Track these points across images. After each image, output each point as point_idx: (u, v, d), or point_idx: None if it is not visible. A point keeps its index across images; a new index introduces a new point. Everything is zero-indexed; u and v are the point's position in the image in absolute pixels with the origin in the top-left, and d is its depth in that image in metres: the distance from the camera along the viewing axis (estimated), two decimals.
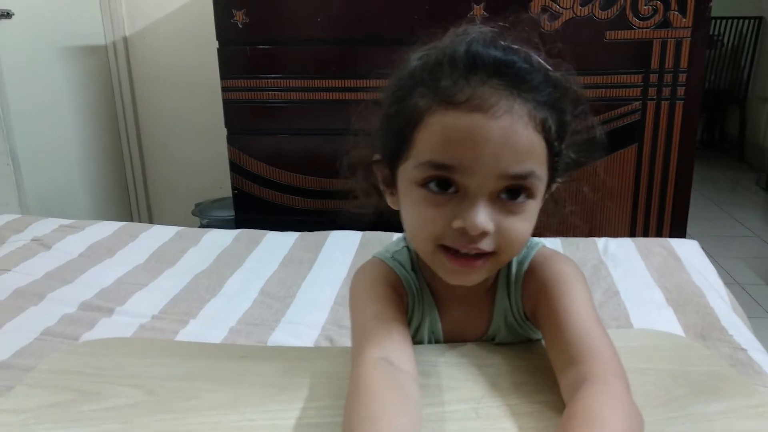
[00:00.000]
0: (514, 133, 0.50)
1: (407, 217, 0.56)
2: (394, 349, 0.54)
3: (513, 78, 0.51)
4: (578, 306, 0.56)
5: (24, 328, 1.14)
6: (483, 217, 0.50)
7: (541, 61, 0.54)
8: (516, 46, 0.54)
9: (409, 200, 0.55)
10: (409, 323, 0.61)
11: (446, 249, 0.53)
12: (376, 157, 0.61)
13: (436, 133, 0.51)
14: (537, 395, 0.54)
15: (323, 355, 0.62)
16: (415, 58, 0.57)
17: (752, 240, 2.78)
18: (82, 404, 0.53)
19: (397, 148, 0.56)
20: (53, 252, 1.48)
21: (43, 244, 1.51)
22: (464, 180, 0.51)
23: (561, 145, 0.55)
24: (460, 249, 0.52)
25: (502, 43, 0.53)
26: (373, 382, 0.50)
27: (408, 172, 0.54)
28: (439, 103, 0.51)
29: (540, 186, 0.54)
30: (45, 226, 1.62)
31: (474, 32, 0.54)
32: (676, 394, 0.55)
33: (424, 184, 0.52)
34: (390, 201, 0.61)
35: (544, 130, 0.52)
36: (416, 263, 0.63)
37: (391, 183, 0.59)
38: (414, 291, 0.62)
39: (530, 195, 0.53)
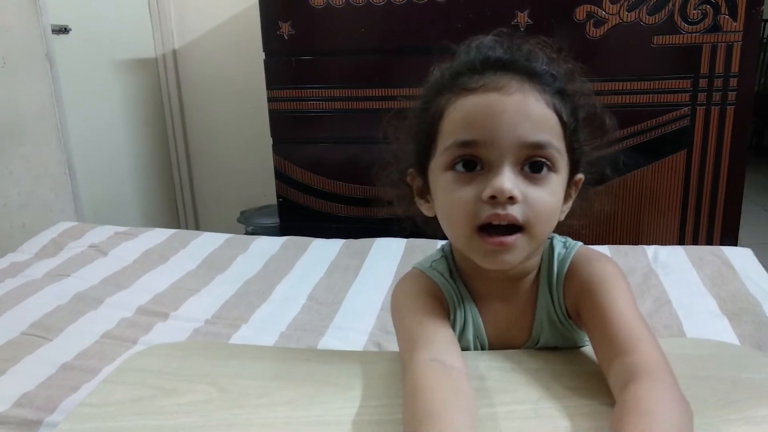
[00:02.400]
0: (528, 105, 0.55)
1: (442, 207, 0.59)
2: (442, 350, 0.55)
3: (519, 70, 0.57)
4: (622, 303, 0.57)
5: (85, 331, 1.19)
6: (509, 182, 0.53)
7: (543, 56, 0.59)
8: (518, 47, 0.60)
9: (440, 189, 0.58)
10: (453, 328, 0.62)
11: (482, 231, 0.55)
12: (410, 171, 0.64)
13: (457, 116, 0.57)
14: (592, 398, 0.55)
15: (381, 359, 0.64)
16: (436, 71, 0.63)
17: None
18: (161, 399, 0.56)
19: (425, 148, 0.60)
20: (109, 258, 1.53)
21: (99, 250, 1.57)
22: (487, 153, 0.54)
23: (575, 127, 0.59)
24: (493, 221, 0.54)
25: (505, 45, 0.60)
26: (428, 382, 0.51)
27: (436, 163, 0.58)
28: (457, 93, 0.57)
29: (560, 160, 0.57)
30: (101, 233, 1.68)
31: (481, 41, 0.61)
32: (735, 398, 0.55)
33: (451, 167, 0.56)
34: (426, 209, 0.64)
35: (555, 108, 0.56)
36: (455, 270, 0.65)
37: (425, 190, 0.63)
38: (455, 298, 0.64)
39: (552, 168, 0.56)
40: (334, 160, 2.07)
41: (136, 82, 2.54)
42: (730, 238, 1.86)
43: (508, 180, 0.53)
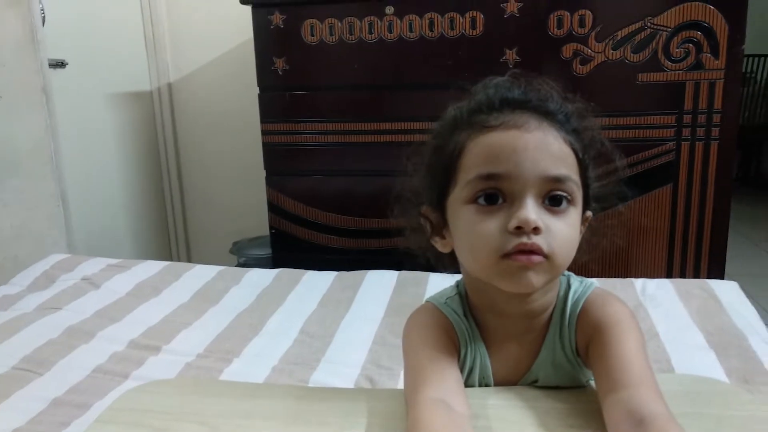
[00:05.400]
0: (548, 142, 0.58)
1: (464, 240, 0.60)
2: (450, 392, 0.56)
3: (535, 109, 0.60)
4: (631, 345, 0.58)
5: (76, 365, 1.19)
6: (533, 213, 0.55)
7: (557, 97, 0.62)
8: (532, 87, 0.63)
9: (462, 222, 0.59)
10: (461, 368, 0.63)
11: (507, 256, 0.56)
12: (424, 209, 0.65)
13: (479, 151, 0.59)
14: None
15: (375, 397, 0.65)
16: (451, 110, 0.65)
17: None
18: None
19: (443, 183, 0.62)
20: (102, 291, 1.53)
21: (92, 283, 1.57)
22: (510, 186, 0.56)
23: (587, 164, 0.62)
24: (520, 249, 0.55)
25: (521, 86, 0.63)
26: (432, 423, 0.52)
27: (456, 196, 0.60)
28: (477, 130, 0.60)
29: (578, 194, 0.59)
30: (93, 265, 1.68)
31: (497, 81, 0.64)
32: None
33: (473, 200, 0.58)
34: (440, 246, 0.65)
35: (571, 145, 0.59)
36: (467, 309, 0.66)
37: (441, 226, 0.64)
38: (467, 336, 0.64)
39: (571, 202, 0.58)
40: (326, 192, 2.10)
41: (130, 114, 2.56)
42: (716, 270, 1.89)
43: (532, 211, 0.55)
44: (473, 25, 1.84)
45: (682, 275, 1.89)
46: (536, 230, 0.55)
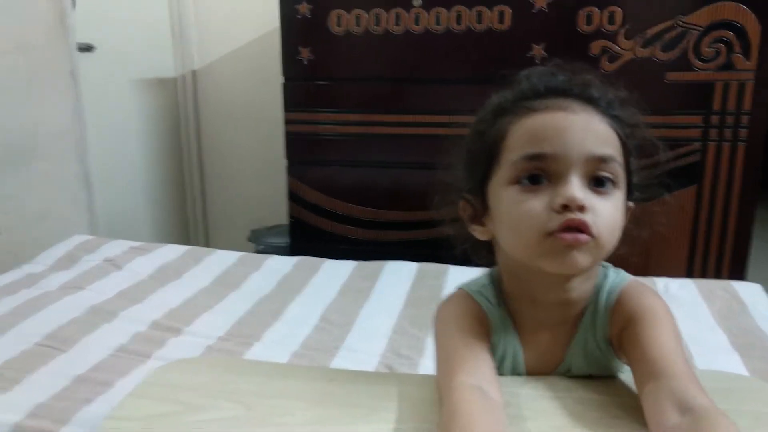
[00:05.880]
0: (593, 124, 0.58)
1: (507, 220, 0.59)
2: (485, 379, 0.56)
3: (578, 95, 0.60)
4: (667, 337, 0.57)
5: (99, 344, 1.20)
6: (579, 191, 0.55)
7: (600, 84, 0.62)
8: (576, 75, 0.63)
9: (505, 203, 0.59)
10: (493, 356, 0.63)
11: (552, 234, 0.55)
12: (464, 196, 0.65)
13: (523, 133, 0.59)
14: (615, 428, 0.55)
15: (405, 381, 0.65)
16: (495, 97, 0.65)
17: None
18: (187, 415, 0.56)
19: (485, 168, 0.62)
20: (124, 272, 1.55)
21: (114, 264, 1.59)
22: (555, 166, 0.56)
23: (631, 150, 0.61)
24: (568, 225, 0.54)
25: (564, 74, 0.63)
26: (469, 409, 0.52)
27: (499, 179, 0.60)
28: (521, 114, 0.60)
29: (622, 177, 0.59)
30: (115, 247, 1.70)
31: (541, 69, 0.64)
32: None
33: (517, 181, 0.58)
34: (479, 233, 0.64)
35: (615, 128, 0.60)
36: (501, 298, 0.66)
37: (482, 213, 0.64)
38: (499, 325, 0.64)
39: (615, 184, 0.58)
40: (346, 183, 2.10)
41: (155, 100, 2.58)
42: (738, 273, 1.87)
43: (578, 189, 0.55)
44: (501, 20, 1.83)
45: (703, 277, 1.87)
46: (582, 209, 0.54)
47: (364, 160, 2.06)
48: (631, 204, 0.64)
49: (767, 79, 1.74)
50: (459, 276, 1.49)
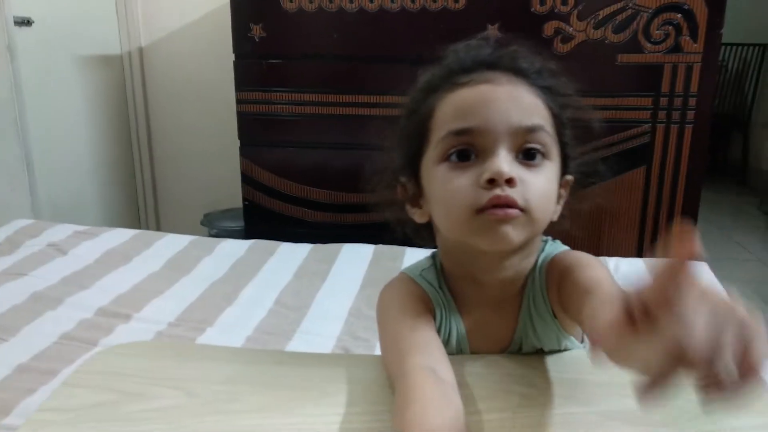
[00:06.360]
0: (518, 95, 0.57)
1: (438, 199, 0.58)
2: (436, 360, 0.55)
3: (506, 67, 0.59)
4: (601, 272, 0.56)
5: (43, 332, 1.15)
6: (506, 165, 0.53)
7: (528, 54, 0.61)
8: (504, 47, 0.62)
9: (435, 182, 0.58)
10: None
11: (482, 211, 0.54)
12: (401, 180, 0.64)
13: (449, 109, 0.58)
14: (571, 405, 0.55)
15: (357, 363, 0.64)
16: (424, 75, 0.64)
17: (754, 264, 2.80)
18: (125, 405, 0.54)
19: (416, 148, 0.61)
20: (69, 257, 1.49)
21: (58, 249, 1.53)
22: (482, 140, 0.55)
23: (562, 122, 0.60)
24: (494, 203, 0.53)
25: (492, 46, 0.62)
26: (425, 391, 0.50)
27: (429, 158, 0.59)
28: (448, 89, 0.58)
29: (553, 147, 0.58)
30: (60, 231, 1.64)
31: (467, 43, 0.63)
32: (708, 408, 0.56)
33: (445, 158, 0.57)
34: (417, 216, 0.63)
35: (543, 99, 0.58)
36: (443, 280, 0.65)
37: (418, 195, 0.62)
38: (442, 306, 0.63)
39: (545, 156, 0.57)
40: (301, 165, 2.06)
41: (100, 78, 2.48)
42: None
43: (505, 163, 0.54)
44: None
45: (653, 256, 1.92)
46: (510, 182, 0.53)
47: (320, 141, 2.03)
48: (569, 177, 0.63)
49: (713, 62, 1.78)
50: (416, 257, 1.49)
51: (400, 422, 0.49)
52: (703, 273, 1.41)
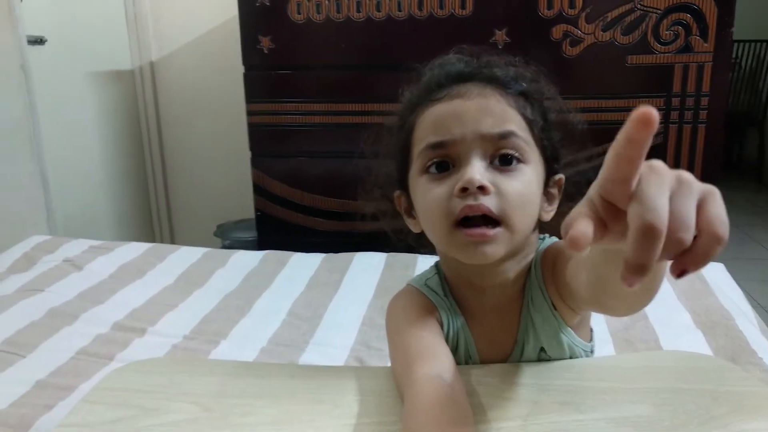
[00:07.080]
0: (489, 105, 0.58)
1: (421, 211, 0.61)
2: (445, 368, 0.55)
3: (480, 78, 0.61)
4: None
5: (60, 348, 1.17)
6: (477, 173, 0.55)
7: (503, 63, 0.63)
8: (478, 58, 0.64)
9: (418, 194, 0.60)
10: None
11: (460, 226, 0.55)
12: (396, 192, 0.66)
13: (425, 124, 0.60)
14: (581, 413, 0.55)
15: (368, 375, 0.64)
16: (407, 92, 0.66)
17: None
18: (143, 420, 0.54)
19: (403, 161, 0.63)
20: (85, 273, 1.50)
21: (74, 264, 1.55)
22: (456, 151, 0.57)
23: (542, 125, 0.61)
24: (467, 213, 0.54)
25: (466, 59, 0.64)
26: (432, 399, 0.51)
27: (413, 171, 0.61)
28: (425, 105, 0.61)
29: (529, 151, 0.59)
30: (75, 247, 1.65)
31: (443, 59, 0.66)
32: (717, 413, 0.55)
33: (425, 170, 0.59)
34: (413, 226, 0.65)
35: (516, 106, 0.60)
36: (446, 287, 0.66)
37: (410, 206, 0.65)
38: (448, 314, 0.64)
39: (521, 160, 0.58)
40: (313, 174, 2.07)
41: (112, 94, 2.51)
42: None
43: (476, 171, 0.55)
44: (463, 5, 1.82)
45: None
46: (483, 189, 0.54)
47: (330, 150, 2.03)
48: (560, 176, 0.63)
49: (725, 61, 1.77)
50: (428, 264, 1.49)
51: (409, 430, 0.49)
52: (720, 275, 1.40)
